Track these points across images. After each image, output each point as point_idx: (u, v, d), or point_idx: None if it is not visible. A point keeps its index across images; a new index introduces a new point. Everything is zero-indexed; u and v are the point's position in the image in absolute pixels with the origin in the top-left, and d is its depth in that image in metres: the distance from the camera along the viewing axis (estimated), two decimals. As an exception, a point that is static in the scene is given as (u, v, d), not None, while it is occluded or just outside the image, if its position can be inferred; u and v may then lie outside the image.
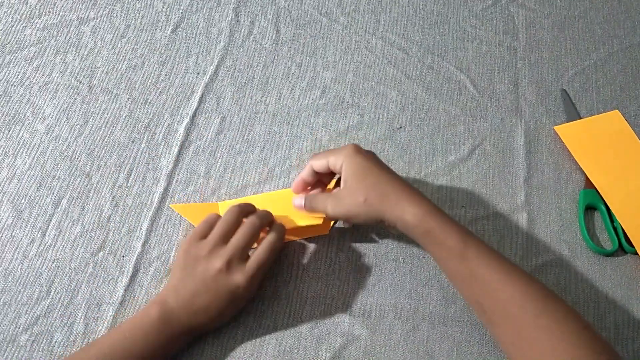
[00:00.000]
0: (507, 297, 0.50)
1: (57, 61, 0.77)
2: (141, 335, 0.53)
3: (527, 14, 0.81)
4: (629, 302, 0.59)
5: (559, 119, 0.72)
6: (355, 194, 0.55)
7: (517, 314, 0.49)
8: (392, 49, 0.78)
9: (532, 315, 0.49)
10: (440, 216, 0.53)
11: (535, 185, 0.67)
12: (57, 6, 0.83)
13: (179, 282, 0.56)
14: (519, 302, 0.50)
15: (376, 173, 0.56)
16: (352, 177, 0.56)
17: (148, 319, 0.54)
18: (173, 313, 0.54)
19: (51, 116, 0.73)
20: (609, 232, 0.63)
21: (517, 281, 0.51)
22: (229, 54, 0.78)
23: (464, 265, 0.52)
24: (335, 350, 0.57)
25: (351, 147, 0.57)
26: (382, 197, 0.54)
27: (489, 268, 0.51)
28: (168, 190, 0.67)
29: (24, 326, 0.58)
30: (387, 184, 0.55)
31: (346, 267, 0.61)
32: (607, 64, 0.76)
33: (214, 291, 0.55)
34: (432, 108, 0.73)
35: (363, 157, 0.56)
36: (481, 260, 0.52)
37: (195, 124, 0.72)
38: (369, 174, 0.56)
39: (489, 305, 0.51)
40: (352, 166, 0.56)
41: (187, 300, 0.55)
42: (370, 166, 0.56)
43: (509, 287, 0.50)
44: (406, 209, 0.53)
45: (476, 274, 0.52)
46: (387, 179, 0.55)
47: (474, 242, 0.52)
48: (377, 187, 0.55)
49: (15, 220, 0.65)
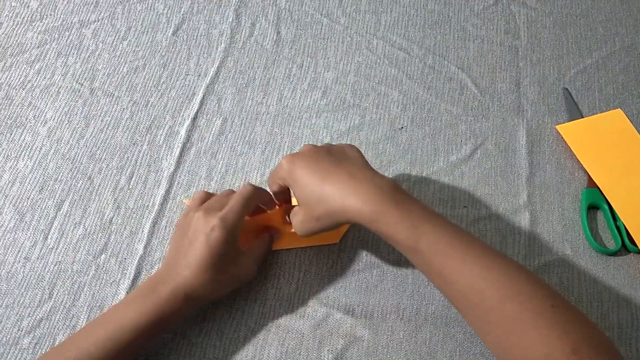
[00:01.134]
0: (466, 286, 0.48)
1: (58, 64, 0.78)
2: (128, 305, 0.53)
3: (529, 12, 0.81)
4: (632, 301, 0.59)
5: (561, 118, 0.72)
6: (306, 212, 0.53)
7: (479, 301, 0.47)
8: (393, 49, 0.78)
9: (494, 302, 0.46)
10: (387, 206, 0.49)
11: (537, 184, 0.67)
12: (58, 9, 0.83)
13: (168, 251, 0.57)
14: (478, 288, 0.47)
15: (315, 183, 0.52)
16: (298, 195, 0.54)
17: (136, 289, 0.54)
18: (158, 277, 0.54)
19: (53, 119, 0.73)
20: (612, 231, 0.63)
21: (475, 266, 0.48)
22: (230, 56, 0.78)
23: (419, 258, 0.50)
24: (337, 352, 0.57)
25: (285, 164, 0.54)
26: (325, 207, 0.51)
27: (444, 257, 0.48)
28: (170, 193, 0.67)
29: (26, 329, 0.58)
30: (327, 190, 0.51)
31: (348, 268, 0.61)
32: (609, 63, 0.76)
33: (192, 238, 0.54)
34: (434, 108, 0.73)
35: (297, 171, 0.53)
36: (435, 251, 0.49)
37: (196, 126, 0.72)
38: (308, 188, 0.52)
39: (451, 295, 0.49)
40: (294, 185, 0.54)
41: (171, 261, 0.55)
42: (307, 179, 0.52)
43: (466, 275, 0.48)
44: (351, 211, 0.50)
45: (432, 267, 0.49)
46: (326, 184, 0.52)
47: (426, 233, 0.49)
48: (319, 199, 0.52)
49: (17, 223, 0.65)
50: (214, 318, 0.58)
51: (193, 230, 0.55)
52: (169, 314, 0.53)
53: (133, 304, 0.53)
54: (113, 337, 0.50)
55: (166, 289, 0.53)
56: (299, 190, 0.54)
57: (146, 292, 0.53)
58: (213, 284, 0.54)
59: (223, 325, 0.58)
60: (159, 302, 0.52)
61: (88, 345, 0.50)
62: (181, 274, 0.54)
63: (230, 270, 0.55)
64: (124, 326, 0.51)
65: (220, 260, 0.54)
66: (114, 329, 0.51)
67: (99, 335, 0.51)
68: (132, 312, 0.52)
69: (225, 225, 0.54)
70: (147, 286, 0.54)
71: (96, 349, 0.50)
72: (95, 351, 0.50)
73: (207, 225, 0.54)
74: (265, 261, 0.61)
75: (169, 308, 0.53)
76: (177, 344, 0.57)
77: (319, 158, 0.54)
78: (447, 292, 0.50)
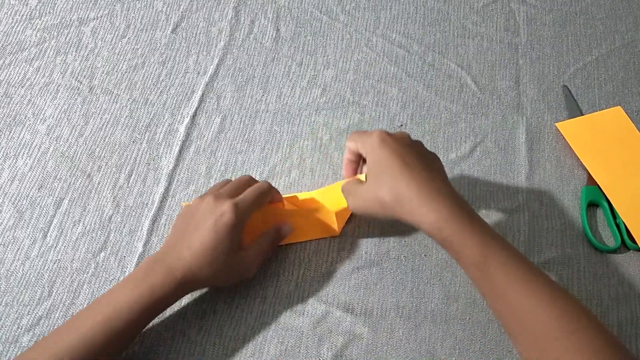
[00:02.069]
0: (526, 309, 0.47)
1: (57, 62, 0.77)
2: (124, 287, 0.53)
3: (528, 10, 0.81)
4: (632, 299, 0.59)
5: (561, 115, 0.72)
6: (372, 192, 0.53)
7: (539, 331, 0.46)
8: (392, 47, 0.78)
9: (556, 335, 0.45)
10: (459, 223, 0.49)
11: (537, 182, 0.66)
12: (58, 7, 0.83)
13: (170, 232, 0.57)
14: (539, 316, 0.46)
15: (396, 172, 0.52)
16: (372, 173, 0.54)
17: (133, 271, 0.54)
18: (156, 258, 0.54)
19: (52, 117, 0.73)
20: (612, 229, 0.63)
21: (537, 292, 0.47)
22: (229, 53, 0.78)
23: (484, 276, 0.49)
24: (337, 350, 0.57)
25: (377, 137, 0.54)
26: (396, 201, 0.51)
27: (508, 276, 0.48)
28: (169, 190, 0.67)
29: (26, 327, 0.58)
30: (404, 185, 0.51)
31: (347, 266, 0.61)
32: (609, 60, 0.76)
33: (199, 221, 0.54)
34: (433, 106, 0.73)
35: (386, 150, 0.53)
36: (500, 270, 0.48)
37: (195, 124, 0.72)
38: (387, 172, 0.52)
39: (508, 316, 0.48)
40: (372, 161, 0.54)
41: (172, 241, 0.55)
42: (391, 163, 0.52)
43: (528, 299, 0.47)
44: (422, 216, 0.50)
45: (494, 285, 0.49)
46: (406, 180, 0.51)
47: (495, 251, 0.49)
48: (393, 188, 0.52)
49: (16, 221, 0.65)
50: (214, 316, 0.58)
51: (202, 213, 0.55)
52: (165, 296, 0.53)
53: (127, 286, 0.53)
54: (112, 319, 0.51)
55: (163, 270, 0.53)
56: (377, 168, 0.53)
57: (143, 274, 0.53)
58: (211, 268, 0.54)
59: (222, 323, 0.58)
60: (155, 283, 0.52)
61: (86, 329, 0.50)
62: (181, 255, 0.53)
63: (230, 260, 0.55)
64: (121, 308, 0.51)
65: (223, 246, 0.54)
66: (111, 311, 0.51)
67: (96, 318, 0.51)
68: (127, 295, 0.52)
69: (236, 211, 0.54)
70: (143, 268, 0.54)
71: (93, 333, 0.50)
72: (92, 335, 0.50)
73: (217, 209, 0.54)
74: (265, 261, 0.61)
75: (165, 290, 0.52)
76: (177, 342, 0.57)
77: (410, 152, 0.54)
78: (503, 314, 0.49)
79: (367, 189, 0.54)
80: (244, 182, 0.59)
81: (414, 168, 0.52)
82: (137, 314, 0.51)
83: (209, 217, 0.54)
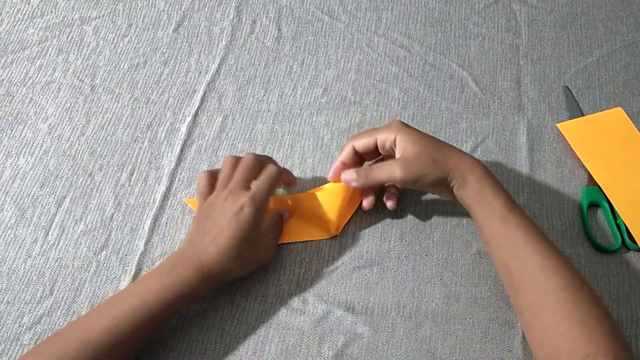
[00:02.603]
0: (537, 265, 0.52)
1: (59, 61, 0.78)
2: (153, 278, 0.54)
3: (529, 11, 0.81)
4: (632, 299, 0.59)
5: (562, 116, 0.72)
6: (422, 156, 0.57)
7: (542, 283, 0.51)
8: (394, 47, 0.78)
9: (556, 288, 0.50)
10: (493, 180, 0.57)
11: (537, 182, 0.67)
12: (60, 6, 0.83)
13: (192, 227, 0.58)
14: (547, 272, 0.51)
15: (433, 139, 0.59)
16: (414, 144, 0.58)
17: (160, 265, 0.56)
18: (182, 253, 0.55)
19: (54, 115, 0.73)
20: (612, 229, 0.63)
21: (549, 253, 0.52)
22: (230, 53, 0.78)
23: (504, 227, 0.54)
24: (337, 349, 0.57)
25: (399, 122, 0.60)
26: (447, 158, 0.57)
27: (525, 234, 0.54)
28: (170, 189, 0.67)
29: (27, 325, 0.58)
30: (446, 147, 0.59)
31: (348, 265, 0.61)
32: (609, 61, 0.76)
33: (219, 216, 0.55)
34: (434, 106, 0.73)
35: (414, 128, 0.60)
36: (520, 226, 0.54)
37: (197, 123, 0.72)
38: (428, 140, 0.59)
39: (518, 270, 0.53)
40: (409, 136, 0.58)
41: (196, 237, 0.56)
42: (424, 135, 0.59)
43: (541, 256, 0.52)
44: (468, 168, 0.56)
45: (513, 238, 0.54)
46: (444, 144, 0.59)
47: (518, 210, 0.55)
48: (441, 149, 0.58)
49: (18, 220, 0.65)
50: (215, 315, 0.58)
51: (221, 208, 0.56)
52: (191, 290, 0.54)
53: (157, 278, 0.54)
54: (138, 311, 0.52)
55: (191, 265, 0.54)
56: (416, 138, 0.58)
57: (170, 268, 0.54)
58: (237, 261, 0.56)
59: (224, 322, 0.58)
60: (182, 277, 0.53)
61: (114, 317, 0.51)
62: (207, 251, 0.55)
63: (253, 248, 0.57)
64: (148, 300, 0.52)
65: (246, 239, 0.55)
66: (139, 302, 0.52)
67: (123, 308, 0.52)
68: (155, 287, 0.53)
69: (254, 203, 0.56)
70: (170, 262, 0.55)
71: (120, 321, 0.51)
72: (119, 324, 0.51)
73: (235, 204, 0.56)
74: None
75: (192, 284, 0.54)
76: (178, 341, 0.57)
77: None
78: (514, 269, 0.53)
79: (416, 156, 0.57)
80: (252, 164, 0.59)
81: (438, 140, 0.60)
82: (164, 307, 0.53)
83: (229, 212, 0.55)
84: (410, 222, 0.64)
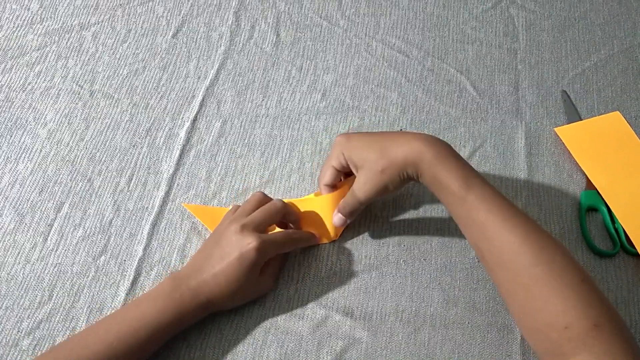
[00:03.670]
0: (503, 243, 0.50)
1: (58, 66, 0.78)
2: (151, 301, 0.54)
3: (527, 15, 0.81)
4: (631, 303, 0.59)
5: (560, 120, 0.72)
6: (371, 172, 0.56)
7: (512, 260, 0.50)
8: (392, 52, 0.78)
9: (527, 264, 0.49)
10: (444, 159, 0.54)
11: (536, 186, 0.67)
12: (59, 12, 0.83)
13: (196, 253, 0.59)
14: (515, 249, 0.50)
15: (376, 141, 0.56)
16: (358, 158, 0.57)
17: (159, 286, 0.56)
18: (182, 278, 0.55)
19: (53, 121, 0.73)
20: (610, 233, 0.63)
21: (515, 228, 0.50)
22: (229, 58, 0.78)
23: (465, 209, 0.53)
24: (336, 354, 0.57)
25: (338, 139, 0.59)
26: (393, 159, 0.54)
27: (488, 213, 0.51)
28: (169, 195, 0.67)
29: (26, 330, 0.58)
30: (390, 144, 0.55)
31: (347, 270, 0.62)
32: (607, 65, 0.76)
33: (225, 253, 0.55)
34: (433, 110, 0.73)
35: (353, 138, 0.58)
36: (481, 205, 0.52)
37: (196, 128, 0.72)
38: (368, 147, 0.56)
39: (487, 250, 0.52)
40: (350, 151, 0.57)
41: (198, 265, 0.56)
42: (367, 140, 0.57)
43: (506, 233, 0.50)
44: (416, 157, 0.54)
45: (475, 219, 0.52)
46: (388, 139, 0.56)
47: (476, 186, 0.53)
48: (385, 153, 0.55)
49: (17, 225, 0.65)
50: (213, 320, 0.58)
51: (227, 243, 0.56)
52: (188, 315, 0.55)
53: (156, 301, 0.54)
54: (135, 333, 0.52)
55: (190, 292, 0.55)
56: (358, 154, 0.57)
57: (169, 291, 0.54)
58: (234, 296, 0.57)
59: (222, 327, 0.58)
60: (181, 303, 0.54)
61: (111, 338, 0.52)
62: (207, 283, 0.55)
63: (251, 286, 0.57)
64: (146, 322, 0.53)
65: (246, 278, 0.56)
66: (136, 324, 0.52)
67: (121, 328, 0.52)
68: (154, 309, 0.53)
69: (261, 249, 0.55)
70: (170, 285, 0.55)
71: (118, 342, 0.52)
72: (117, 344, 0.51)
73: (243, 242, 0.55)
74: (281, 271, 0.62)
75: (189, 310, 0.55)
76: (177, 346, 0.57)
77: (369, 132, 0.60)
78: (482, 248, 0.52)
79: (365, 173, 0.56)
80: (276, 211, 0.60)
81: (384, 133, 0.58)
82: (161, 330, 0.53)
83: (235, 249, 0.55)
84: (408, 226, 0.64)
